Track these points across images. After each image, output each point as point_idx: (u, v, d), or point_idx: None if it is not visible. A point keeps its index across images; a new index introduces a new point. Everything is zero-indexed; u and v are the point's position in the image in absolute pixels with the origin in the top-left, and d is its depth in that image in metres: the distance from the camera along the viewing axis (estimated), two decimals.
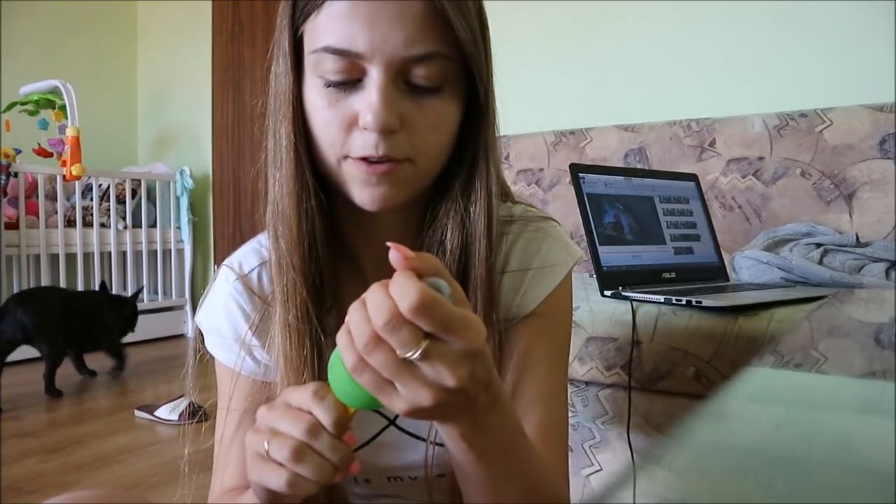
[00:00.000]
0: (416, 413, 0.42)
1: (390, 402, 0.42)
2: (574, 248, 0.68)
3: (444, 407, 0.42)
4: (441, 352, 0.40)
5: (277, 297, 0.59)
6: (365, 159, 0.54)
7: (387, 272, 0.42)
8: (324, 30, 0.54)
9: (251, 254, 0.67)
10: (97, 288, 2.87)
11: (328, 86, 0.54)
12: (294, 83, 0.56)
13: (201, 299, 0.68)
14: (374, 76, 0.53)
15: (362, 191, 0.56)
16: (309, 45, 0.55)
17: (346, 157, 0.55)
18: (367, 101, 0.53)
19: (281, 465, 0.45)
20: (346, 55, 0.53)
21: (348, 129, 0.54)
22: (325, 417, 0.45)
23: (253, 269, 0.66)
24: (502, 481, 0.51)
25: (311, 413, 0.45)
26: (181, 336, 3.57)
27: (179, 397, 2.20)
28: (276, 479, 0.45)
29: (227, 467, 0.66)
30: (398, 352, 0.40)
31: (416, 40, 0.52)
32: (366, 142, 0.53)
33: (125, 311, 2.78)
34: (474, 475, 0.51)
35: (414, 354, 0.40)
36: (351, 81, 0.54)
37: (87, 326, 2.60)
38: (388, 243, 0.42)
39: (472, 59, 0.55)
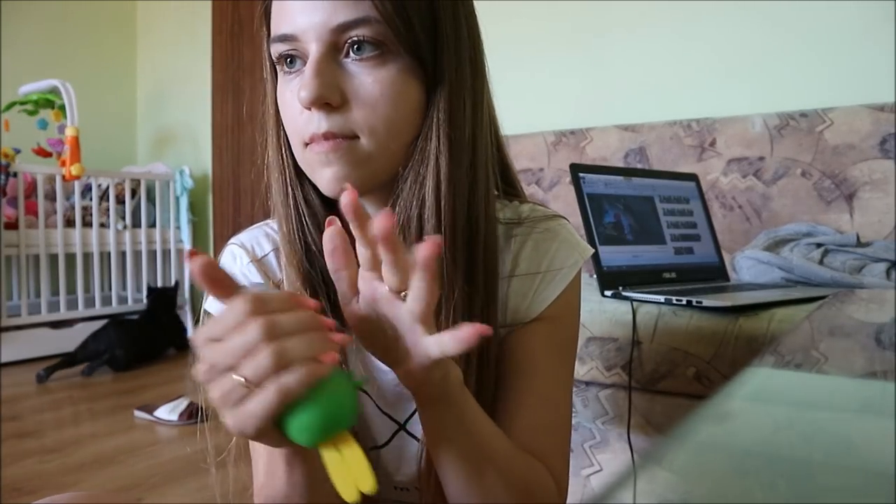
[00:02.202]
0: None
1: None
2: (583, 246, 0.67)
3: None
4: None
5: (286, 278, 0.61)
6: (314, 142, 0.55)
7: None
8: (273, 23, 0.56)
9: (262, 238, 0.67)
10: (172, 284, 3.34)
11: (286, 74, 0.57)
12: (273, 85, 0.60)
13: None
14: (311, 54, 0.54)
15: (321, 175, 0.55)
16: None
17: (305, 144, 0.56)
18: (303, 79, 0.53)
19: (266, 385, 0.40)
20: (287, 39, 0.54)
21: (300, 114, 0.55)
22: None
23: (267, 254, 0.66)
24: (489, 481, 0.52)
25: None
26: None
27: (179, 397, 2.20)
28: (267, 400, 0.40)
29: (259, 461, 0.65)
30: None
31: (342, 8, 0.53)
32: (310, 121, 0.54)
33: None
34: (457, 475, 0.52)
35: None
36: (298, 69, 0.55)
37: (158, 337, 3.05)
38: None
39: (398, 21, 0.53)
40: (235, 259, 0.66)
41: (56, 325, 3.12)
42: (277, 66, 0.58)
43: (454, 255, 0.57)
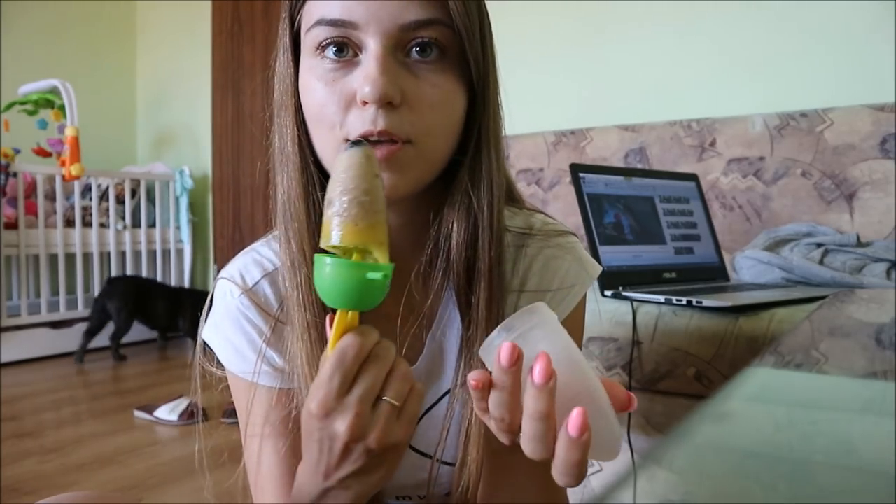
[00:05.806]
0: None
1: None
2: (592, 265, 0.65)
3: None
4: None
5: (292, 299, 0.57)
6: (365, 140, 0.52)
7: (396, 268, 0.43)
8: (318, 7, 0.53)
9: (251, 265, 0.63)
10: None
11: (326, 62, 0.53)
12: (294, 75, 0.56)
13: (204, 314, 0.64)
14: (372, 47, 0.51)
15: None
16: (306, 25, 0.54)
17: (346, 140, 0.52)
18: (365, 72, 0.51)
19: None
20: (341, 25, 0.51)
21: (346, 108, 0.52)
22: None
23: (257, 283, 0.62)
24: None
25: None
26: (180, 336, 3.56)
27: (178, 397, 2.20)
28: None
29: (267, 486, 0.62)
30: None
31: (410, 6, 0.51)
32: (364, 118, 0.51)
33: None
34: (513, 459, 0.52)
35: None
36: (348, 58, 0.52)
37: (160, 312, 3.12)
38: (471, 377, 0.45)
39: (463, 29, 0.52)
40: (232, 295, 0.62)
41: (56, 325, 3.12)
42: (312, 52, 0.54)
43: (500, 264, 0.57)
